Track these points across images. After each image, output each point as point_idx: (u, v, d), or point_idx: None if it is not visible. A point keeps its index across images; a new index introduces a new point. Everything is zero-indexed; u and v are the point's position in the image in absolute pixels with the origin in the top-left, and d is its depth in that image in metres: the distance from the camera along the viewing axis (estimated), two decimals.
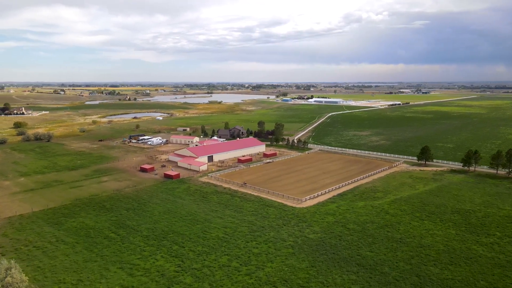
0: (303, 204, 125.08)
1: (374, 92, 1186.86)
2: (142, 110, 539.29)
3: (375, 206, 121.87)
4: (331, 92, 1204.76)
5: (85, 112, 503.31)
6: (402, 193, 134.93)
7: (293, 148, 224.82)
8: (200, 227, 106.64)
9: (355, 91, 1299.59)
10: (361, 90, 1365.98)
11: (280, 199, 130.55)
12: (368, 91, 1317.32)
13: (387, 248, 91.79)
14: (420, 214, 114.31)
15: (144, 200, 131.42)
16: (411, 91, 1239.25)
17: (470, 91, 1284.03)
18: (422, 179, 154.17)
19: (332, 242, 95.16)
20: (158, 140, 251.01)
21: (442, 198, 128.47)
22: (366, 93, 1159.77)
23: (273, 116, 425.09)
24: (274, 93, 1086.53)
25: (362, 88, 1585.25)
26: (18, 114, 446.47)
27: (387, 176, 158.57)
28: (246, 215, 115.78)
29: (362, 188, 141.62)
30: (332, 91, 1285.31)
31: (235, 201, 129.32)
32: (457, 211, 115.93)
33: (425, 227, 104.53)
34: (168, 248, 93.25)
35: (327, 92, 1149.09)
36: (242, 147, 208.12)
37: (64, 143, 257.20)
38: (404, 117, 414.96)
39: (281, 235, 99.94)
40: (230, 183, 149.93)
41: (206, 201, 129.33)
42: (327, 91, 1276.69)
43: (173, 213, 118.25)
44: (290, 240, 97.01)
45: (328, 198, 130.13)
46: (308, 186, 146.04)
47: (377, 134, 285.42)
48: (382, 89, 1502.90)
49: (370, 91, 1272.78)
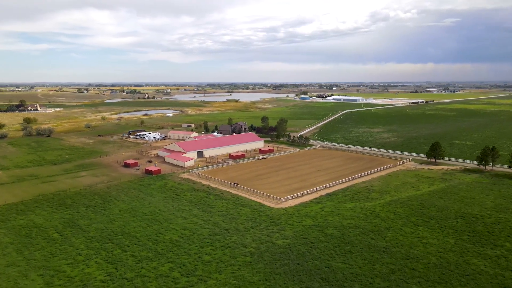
0: (283, 204, 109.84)
1: (399, 91, 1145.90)
2: (156, 108, 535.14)
3: (365, 208, 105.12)
4: (354, 91, 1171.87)
5: (99, 109, 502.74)
6: (401, 194, 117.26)
7: (294, 144, 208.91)
8: (157, 228, 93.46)
9: (379, 90, 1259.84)
10: (385, 90, 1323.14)
11: (259, 198, 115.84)
12: (393, 90, 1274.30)
13: (365, 259, 75.50)
14: (416, 218, 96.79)
15: (111, 197, 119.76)
16: (438, 90, 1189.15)
17: (503, 90, 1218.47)
18: (428, 178, 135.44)
19: (301, 250, 79.69)
20: (155, 135, 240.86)
21: (447, 201, 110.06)
22: (391, 92, 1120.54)
23: (285, 114, 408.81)
24: (295, 92, 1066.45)
25: (387, 87, 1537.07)
26: (32, 110, 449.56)
27: (389, 175, 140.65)
28: (214, 215, 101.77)
29: (356, 188, 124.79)
30: (355, 90, 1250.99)
31: (208, 199, 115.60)
32: (461, 216, 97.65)
33: (418, 234, 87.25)
34: (109, 252, 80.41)
35: (350, 92, 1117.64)
36: (237, 143, 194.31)
37: (62, 138, 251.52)
38: (424, 114, 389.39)
39: (244, 240, 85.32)
40: (210, 180, 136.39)
41: (177, 199, 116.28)
42: (350, 90, 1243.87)
43: (135, 211, 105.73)
44: (252, 246, 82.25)
45: (314, 198, 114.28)
46: (296, 184, 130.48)
47: (390, 131, 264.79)
48: (408, 88, 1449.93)
49: (394, 90, 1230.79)
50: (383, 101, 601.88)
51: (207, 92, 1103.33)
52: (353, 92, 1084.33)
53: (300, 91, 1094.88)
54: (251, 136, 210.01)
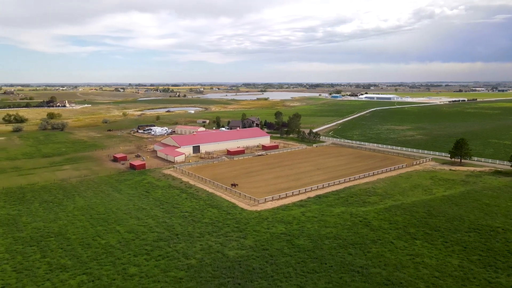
0: (259, 206, 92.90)
1: (441, 91, 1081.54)
2: (182, 105, 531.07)
3: (356, 214, 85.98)
4: (392, 91, 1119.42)
5: (125, 106, 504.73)
6: (407, 199, 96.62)
7: (304, 140, 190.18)
8: (100, 229, 79.73)
9: (420, 90, 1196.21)
10: (427, 89, 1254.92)
11: (235, 198, 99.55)
12: (436, 90, 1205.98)
13: (329, 282, 57.37)
14: (416, 229, 76.62)
15: (76, 192, 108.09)
16: (485, 89, 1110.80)
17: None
18: (447, 181, 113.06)
19: (252, 266, 62.71)
20: (161, 130, 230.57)
21: (463, 208, 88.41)
22: (432, 91, 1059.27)
23: (310, 111, 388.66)
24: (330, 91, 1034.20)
25: (429, 87, 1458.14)
26: (60, 106, 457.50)
27: (399, 176, 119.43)
28: (174, 217, 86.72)
29: (354, 189, 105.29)
30: (393, 90, 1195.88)
31: (178, 198, 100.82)
32: (476, 229, 76.33)
33: (412, 250, 67.50)
34: (25, 257, 67.37)
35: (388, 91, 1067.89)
36: (239, 138, 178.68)
37: (73, 132, 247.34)
38: (461, 112, 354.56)
39: (190, 249, 69.52)
40: (192, 176, 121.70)
41: (144, 197, 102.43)
42: (388, 89, 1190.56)
43: (89, 209, 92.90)
44: (195, 257, 66.24)
45: (299, 200, 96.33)
46: (285, 183, 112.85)
47: (417, 128, 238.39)
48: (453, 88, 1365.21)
49: (437, 90, 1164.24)
50: (420, 100, 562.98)
51: (239, 91, 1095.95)
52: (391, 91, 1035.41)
53: (335, 90, 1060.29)
54: (257, 131, 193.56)
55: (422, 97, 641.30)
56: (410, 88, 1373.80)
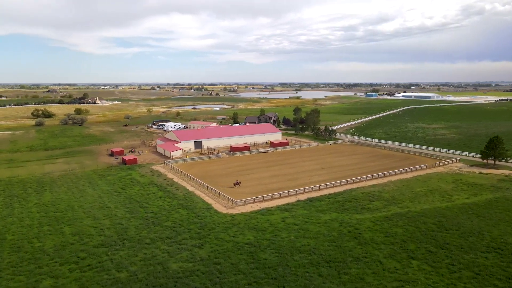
0: (236, 209, 79.66)
1: (490, 90, 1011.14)
2: (211, 103, 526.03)
3: (347, 222, 70.55)
4: (435, 90, 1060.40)
5: (153, 103, 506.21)
6: (417, 206, 79.58)
7: (318, 138, 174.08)
8: (45, 230, 69.88)
9: (466, 90, 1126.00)
10: (474, 89, 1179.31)
11: (214, 198, 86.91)
12: (484, 89, 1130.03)
13: None
14: (417, 246, 60.27)
15: (51, 186, 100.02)
16: None
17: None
18: (473, 185, 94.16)
19: (190, 285, 49.67)
20: (174, 125, 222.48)
21: (485, 220, 70.49)
22: (480, 91, 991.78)
23: (338, 109, 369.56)
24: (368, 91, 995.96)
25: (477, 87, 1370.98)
26: (90, 103, 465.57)
27: (416, 178, 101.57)
28: (135, 218, 75.41)
29: (357, 192, 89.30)
30: (436, 89, 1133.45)
31: (153, 196, 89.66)
32: (498, 248, 58.80)
33: (405, 275, 51.64)
34: None
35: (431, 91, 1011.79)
36: (246, 134, 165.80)
37: (89, 127, 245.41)
38: (507, 111, 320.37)
39: (129, 259, 57.63)
40: (179, 173, 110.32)
41: (117, 194, 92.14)
42: (430, 89, 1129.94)
43: (50, 206, 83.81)
44: (129, 269, 54.24)
45: (286, 204, 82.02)
46: (278, 184, 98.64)
47: (451, 127, 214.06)
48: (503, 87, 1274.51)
49: (485, 90, 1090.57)
50: (464, 99, 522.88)
51: (273, 90, 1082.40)
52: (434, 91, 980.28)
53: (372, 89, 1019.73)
54: (268, 127, 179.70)
55: (466, 96, 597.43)
56: (455, 88, 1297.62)
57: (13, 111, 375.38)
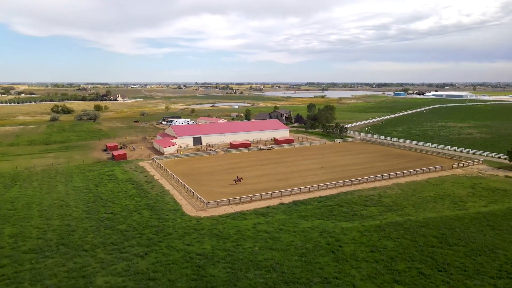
0: (207, 211, 69.39)
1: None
2: (232, 101, 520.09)
3: (330, 232, 58.66)
4: (470, 90, 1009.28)
5: (174, 101, 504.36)
6: (420, 214, 66.39)
7: (328, 135, 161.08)
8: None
9: (505, 89, 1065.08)
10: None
11: (188, 198, 77.06)
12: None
13: None
14: (408, 265, 47.73)
15: (23, 181, 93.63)
16: None
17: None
18: (495, 191, 79.48)
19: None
20: (182, 121, 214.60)
21: (502, 235, 56.70)
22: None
23: (361, 107, 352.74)
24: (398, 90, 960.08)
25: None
26: (112, 100, 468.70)
27: (427, 181, 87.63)
28: (91, 219, 66.69)
29: (352, 196, 76.82)
30: (471, 89, 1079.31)
31: (123, 194, 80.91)
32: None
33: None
34: None
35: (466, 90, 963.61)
36: (250, 130, 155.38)
37: (101, 123, 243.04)
38: None
39: (54, 269, 48.62)
40: (162, 170, 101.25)
41: (86, 192, 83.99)
42: (465, 89, 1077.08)
43: (7, 203, 76.76)
44: (45, 283, 44.99)
45: (264, 207, 70.89)
46: (267, 183, 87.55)
47: (480, 126, 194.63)
48: None
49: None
50: (500, 98, 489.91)
51: (299, 90, 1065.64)
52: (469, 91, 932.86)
53: (402, 89, 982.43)
54: (274, 123, 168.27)
55: (503, 96, 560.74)
56: (493, 87, 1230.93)
57: (37, 107, 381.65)
